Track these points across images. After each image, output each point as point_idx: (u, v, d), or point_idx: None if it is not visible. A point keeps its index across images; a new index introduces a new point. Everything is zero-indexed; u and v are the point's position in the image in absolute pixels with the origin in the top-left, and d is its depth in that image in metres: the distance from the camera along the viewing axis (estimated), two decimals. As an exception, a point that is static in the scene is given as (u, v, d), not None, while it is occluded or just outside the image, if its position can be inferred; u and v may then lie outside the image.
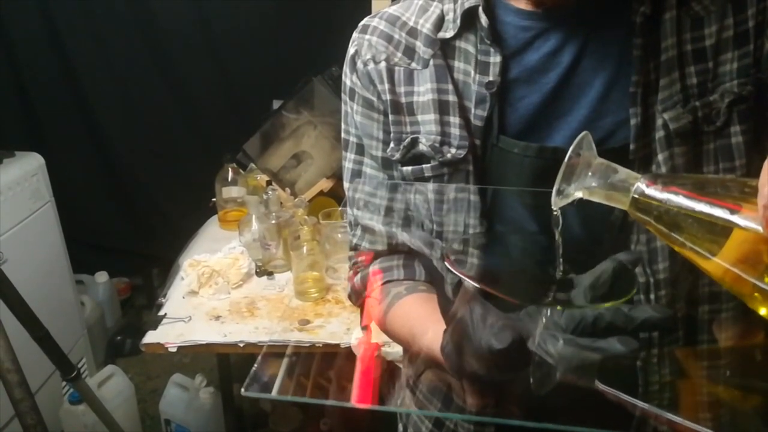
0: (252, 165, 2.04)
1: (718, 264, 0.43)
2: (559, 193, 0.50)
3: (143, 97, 2.62)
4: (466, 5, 0.67)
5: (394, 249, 0.76)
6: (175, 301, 1.60)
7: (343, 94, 0.78)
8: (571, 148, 0.49)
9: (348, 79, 0.76)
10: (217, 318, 1.52)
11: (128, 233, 2.85)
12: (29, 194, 1.98)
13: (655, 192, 0.46)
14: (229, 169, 1.99)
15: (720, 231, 0.43)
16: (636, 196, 0.47)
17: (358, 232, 0.79)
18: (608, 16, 0.64)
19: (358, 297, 0.81)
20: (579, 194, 0.50)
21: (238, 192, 1.98)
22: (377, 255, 0.78)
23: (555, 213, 0.51)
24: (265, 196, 1.78)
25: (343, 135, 0.80)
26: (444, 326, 0.57)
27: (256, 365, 0.56)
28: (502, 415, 0.53)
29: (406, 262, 0.76)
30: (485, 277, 0.56)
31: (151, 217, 2.82)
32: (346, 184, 0.80)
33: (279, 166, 1.94)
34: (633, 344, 0.45)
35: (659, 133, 0.63)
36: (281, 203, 1.83)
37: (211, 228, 2.03)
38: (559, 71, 0.65)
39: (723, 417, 0.65)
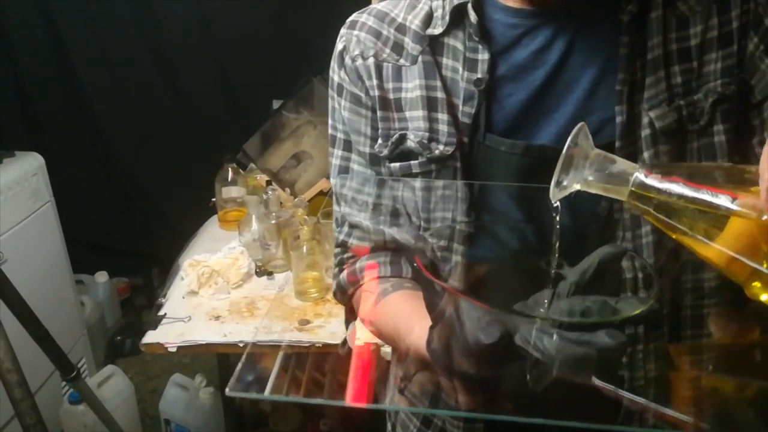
0: (252, 165, 2.04)
1: (717, 250, 0.44)
2: (558, 184, 0.50)
3: (143, 97, 2.62)
4: (455, 2, 0.67)
5: (381, 246, 0.76)
6: (175, 301, 1.60)
7: (330, 90, 0.78)
8: (569, 139, 0.49)
9: (336, 74, 0.76)
10: (217, 318, 1.52)
11: (128, 233, 2.85)
12: (29, 194, 1.98)
13: (653, 182, 0.46)
14: (229, 169, 1.99)
15: (719, 218, 0.43)
16: (634, 187, 0.47)
17: (345, 228, 0.79)
18: (596, 14, 0.65)
19: (343, 294, 0.79)
20: (577, 186, 0.50)
21: (238, 192, 1.98)
22: (364, 252, 0.77)
23: (555, 206, 0.51)
24: (265, 196, 1.78)
25: (330, 131, 0.80)
26: (429, 322, 0.56)
27: (240, 364, 0.54)
28: (493, 411, 0.53)
29: (393, 259, 0.75)
30: (463, 275, 0.55)
31: (151, 217, 2.82)
32: (332, 180, 0.80)
33: (279, 166, 1.94)
34: (621, 337, 0.45)
35: (645, 131, 0.64)
36: (281, 203, 1.82)
37: (211, 228, 2.03)
38: (546, 68, 0.65)
39: (713, 409, 0.65)
